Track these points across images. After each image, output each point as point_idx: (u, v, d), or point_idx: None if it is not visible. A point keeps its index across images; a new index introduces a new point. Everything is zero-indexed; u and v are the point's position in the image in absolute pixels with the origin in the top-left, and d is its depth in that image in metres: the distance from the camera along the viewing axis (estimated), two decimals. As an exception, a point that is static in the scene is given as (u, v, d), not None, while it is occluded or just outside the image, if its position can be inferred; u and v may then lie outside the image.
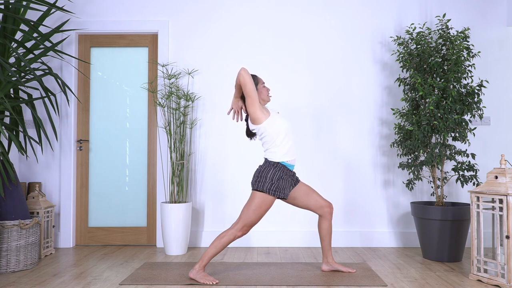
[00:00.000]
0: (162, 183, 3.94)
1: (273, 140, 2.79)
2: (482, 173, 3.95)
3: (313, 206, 2.94)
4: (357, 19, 4.01)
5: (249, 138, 3.00)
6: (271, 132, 2.77)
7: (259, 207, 2.76)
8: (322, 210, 2.95)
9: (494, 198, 2.75)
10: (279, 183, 2.77)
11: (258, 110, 2.75)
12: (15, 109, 3.48)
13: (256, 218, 2.77)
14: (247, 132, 2.97)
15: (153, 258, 3.48)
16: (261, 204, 2.76)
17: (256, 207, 2.76)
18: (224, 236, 2.77)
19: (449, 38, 3.46)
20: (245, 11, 4.02)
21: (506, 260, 2.66)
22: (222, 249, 2.78)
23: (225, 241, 2.77)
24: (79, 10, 4.02)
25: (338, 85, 3.99)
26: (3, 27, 3.30)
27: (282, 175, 2.79)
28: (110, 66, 4.09)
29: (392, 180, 3.96)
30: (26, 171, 3.99)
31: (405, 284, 2.75)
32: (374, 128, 3.97)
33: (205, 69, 4.01)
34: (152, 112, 4.05)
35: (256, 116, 2.76)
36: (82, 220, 4.03)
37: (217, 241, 2.77)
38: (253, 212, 2.76)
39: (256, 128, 2.80)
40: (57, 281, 2.83)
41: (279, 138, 2.79)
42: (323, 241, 3.00)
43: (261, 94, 2.87)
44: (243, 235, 2.79)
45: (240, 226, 2.77)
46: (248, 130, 2.96)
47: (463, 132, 3.36)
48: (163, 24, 4.00)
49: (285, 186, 2.79)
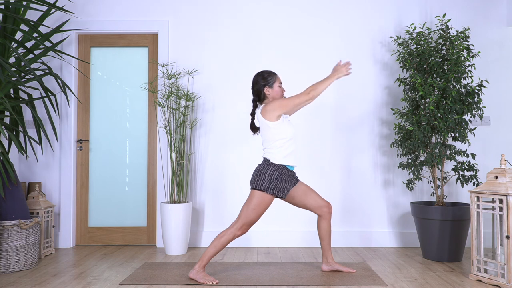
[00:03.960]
0: (162, 183, 3.94)
1: (274, 140, 2.79)
2: (482, 173, 3.95)
3: (311, 206, 2.94)
4: (357, 19, 4.01)
5: (253, 133, 3.01)
6: (275, 133, 2.78)
7: (258, 205, 2.77)
8: (321, 210, 2.94)
9: (494, 198, 2.75)
10: (278, 182, 2.77)
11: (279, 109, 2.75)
12: (15, 109, 3.48)
13: (255, 217, 2.77)
14: (251, 126, 2.98)
15: (153, 258, 3.48)
16: (260, 203, 2.76)
17: (255, 205, 2.76)
18: (223, 236, 2.77)
19: (449, 38, 3.46)
20: (245, 12, 4.02)
21: (506, 260, 2.66)
22: (222, 248, 2.79)
23: (224, 240, 2.77)
24: (79, 10, 4.02)
25: (338, 85, 3.99)
26: (3, 27, 3.30)
27: (281, 174, 2.79)
28: (110, 66, 4.09)
29: (392, 180, 3.96)
30: (26, 171, 3.99)
31: (405, 284, 2.75)
32: (374, 128, 3.97)
33: (205, 69, 4.01)
34: (152, 112, 4.05)
35: (274, 113, 2.75)
36: (82, 220, 4.03)
37: (217, 240, 2.78)
38: (252, 211, 2.76)
39: (263, 122, 2.79)
40: (57, 281, 2.83)
41: (281, 141, 2.79)
42: (323, 241, 3.00)
43: (274, 93, 2.86)
44: (242, 234, 2.80)
45: (240, 225, 2.77)
46: (253, 124, 2.97)
47: (463, 132, 3.36)
48: (163, 24, 4.00)
49: (284, 186, 2.80)
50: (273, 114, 2.76)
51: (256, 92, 2.88)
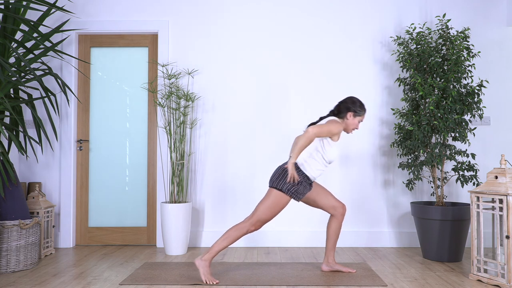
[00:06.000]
0: (162, 183, 3.94)
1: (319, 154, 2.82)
2: (482, 173, 3.95)
3: (325, 206, 2.96)
4: (357, 19, 4.01)
5: None
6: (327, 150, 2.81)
7: (276, 205, 2.77)
8: (335, 210, 2.96)
9: (494, 198, 2.75)
10: (299, 188, 2.77)
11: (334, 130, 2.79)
12: (15, 109, 3.48)
13: (270, 215, 2.79)
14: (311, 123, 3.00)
15: (153, 258, 3.48)
16: (277, 202, 2.77)
17: (273, 204, 2.77)
18: (236, 229, 2.78)
19: (449, 38, 3.46)
20: (245, 12, 4.02)
21: (506, 260, 2.66)
22: (233, 242, 2.79)
23: (237, 234, 2.78)
24: (79, 10, 4.02)
25: (338, 85, 3.99)
26: (3, 27, 3.30)
27: (303, 181, 2.80)
28: (110, 66, 4.09)
29: (392, 180, 3.96)
30: (26, 171, 3.99)
31: (405, 284, 2.75)
32: (374, 128, 3.97)
33: (205, 69, 4.01)
34: (152, 112, 4.05)
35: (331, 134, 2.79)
36: (82, 220, 4.03)
37: (229, 233, 2.78)
38: (269, 209, 2.77)
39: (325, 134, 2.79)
40: (57, 281, 2.83)
41: (324, 159, 2.83)
42: (328, 241, 3.00)
43: (350, 122, 2.90)
44: (255, 230, 2.80)
45: (254, 220, 2.78)
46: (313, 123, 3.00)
47: (463, 132, 3.36)
48: (163, 24, 4.00)
49: (303, 192, 2.81)
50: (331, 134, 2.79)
51: (341, 108, 2.92)
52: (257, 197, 3.96)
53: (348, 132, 2.95)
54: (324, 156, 2.82)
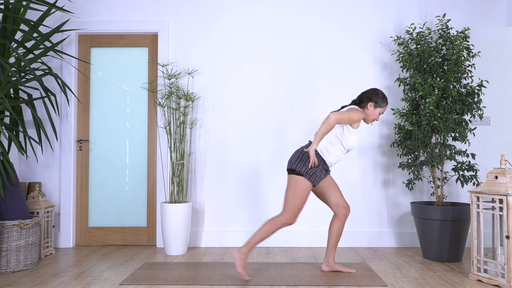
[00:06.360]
0: (162, 183, 3.94)
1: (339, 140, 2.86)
2: (482, 173, 3.95)
3: (331, 201, 2.98)
4: (357, 19, 4.01)
5: None
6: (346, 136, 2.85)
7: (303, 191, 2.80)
8: (338, 209, 2.97)
9: (494, 198, 2.75)
10: (316, 170, 2.81)
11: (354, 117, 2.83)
12: (15, 109, 3.48)
13: (300, 202, 2.80)
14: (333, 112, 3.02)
15: (153, 258, 3.48)
16: (304, 189, 2.79)
17: (300, 192, 2.79)
18: (271, 223, 2.80)
19: (449, 38, 3.46)
20: (245, 12, 4.02)
21: (506, 260, 2.66)
22: (269, 235, 2.81)
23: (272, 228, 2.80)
24: (79, 10, 4.02)
25: (339, 85, 3.99)
26: (3, 27, 3.30)
27: (320, 165, 2.84)
28: (110, 66, 4.09)
29: (392, 180, 3.96)
30: (26, 171, 3.99)
31: (405, 284, 2.75)
32: (374, 128, 3.97)
33: (205, 69, 4.01)
34: (152, 112, 4.05)
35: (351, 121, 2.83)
36: (82, 220, 4.03)
37: (265, 227, 2.80)
38: (299, 197, 2.79)
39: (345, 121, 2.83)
40: (57, 281, 2.83)
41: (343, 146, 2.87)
42: (330, 240, 3.00)
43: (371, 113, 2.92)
44: (291, 222, 2.82)
45: (290, 214, 2.80)
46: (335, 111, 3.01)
47: (463, 132, 3.36)
48: (163, 24, 4.00)
49: (320, 176, 2.85)
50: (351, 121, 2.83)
51: (363, 98, 2.94)
52: (257, 197, 3.96)
53: (367, 122, 2.97)
54: (343, 143, 2.86)
